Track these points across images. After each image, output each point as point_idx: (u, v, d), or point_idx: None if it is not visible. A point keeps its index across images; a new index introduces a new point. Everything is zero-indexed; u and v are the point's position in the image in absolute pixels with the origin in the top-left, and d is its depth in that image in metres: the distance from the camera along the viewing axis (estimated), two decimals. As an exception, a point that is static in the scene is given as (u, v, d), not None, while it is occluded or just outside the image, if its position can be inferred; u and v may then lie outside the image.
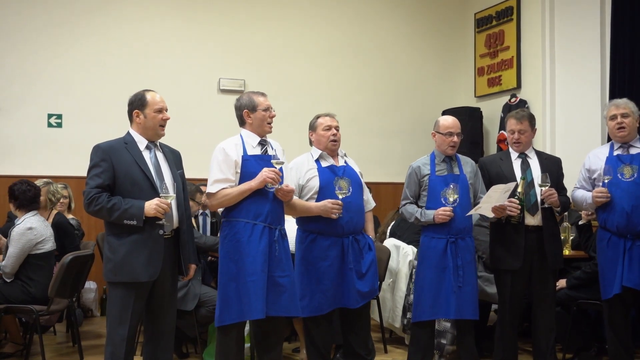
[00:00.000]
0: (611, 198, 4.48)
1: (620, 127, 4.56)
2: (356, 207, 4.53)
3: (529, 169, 4.70)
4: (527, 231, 4.60)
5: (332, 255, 4.43)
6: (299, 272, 4.48)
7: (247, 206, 4.10)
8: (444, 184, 4.57)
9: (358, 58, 8.95)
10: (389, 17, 9.16)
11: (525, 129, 4.73)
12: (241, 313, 4.02)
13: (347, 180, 4.50)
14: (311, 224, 4.47)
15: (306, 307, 4.42)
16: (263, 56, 8.50)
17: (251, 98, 4.26)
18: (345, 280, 4.45)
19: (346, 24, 8.92)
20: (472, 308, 4.54)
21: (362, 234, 4.59)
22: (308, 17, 8.75)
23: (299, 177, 4.51)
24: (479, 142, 8.66)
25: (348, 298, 4.46)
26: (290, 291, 4.13)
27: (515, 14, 8.47)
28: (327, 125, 4.60)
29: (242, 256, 4.04)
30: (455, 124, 4.69)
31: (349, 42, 8.91)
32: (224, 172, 4.12)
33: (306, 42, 8.71)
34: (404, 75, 9.18)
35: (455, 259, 4.52)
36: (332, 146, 4.60)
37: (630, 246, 4.44)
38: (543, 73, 8.04)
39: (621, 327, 4.57)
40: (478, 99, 9.11)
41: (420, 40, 9.32)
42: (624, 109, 4.58)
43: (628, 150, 4.58)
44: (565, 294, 5.29)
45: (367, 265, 4.53)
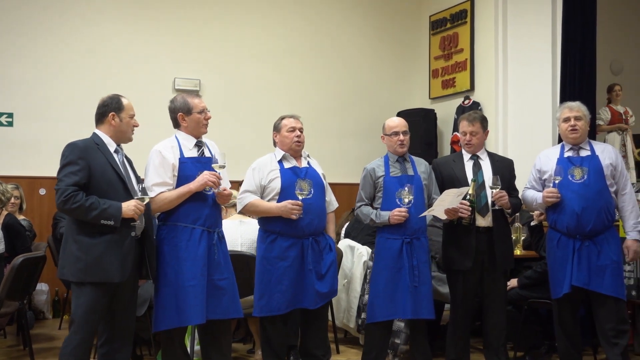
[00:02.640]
0: (561, 199, 4.56)
1: (573, 130, 4.65)
2: (317, 208, 4.56)
3: (481, 170, 4.77)
4: (478, 232, 4.67)
5: (291, 255, 4.45)
6: (258, 272, 4.51)
7: (185, 210, 4.07)
8: (399, 185, 4.63)
9: (314, 59, 8.97)
10: (346, 19, 9.20)
11: (477, 130, 4.80)
12: (180, 318, 4.00)
13: (308, 181, 4.52)
14: (272, 225, 4.49)
15: (264, 307, 4.44)
16: (219, 56, 8.46)
17: (186, 100, 4.21)
18: (305, 281, 4.47)
19: (303, 25, 8.93)
20: (428, 307, 4.61)
21: (322, 235, 4.62)
22: (265, 17, 8.73)
23: (261, 177, 4.53)
24: (433, 143, 8.76)
25: (307, 299, 4.48)
26: (231, 293, 4.13)
27: (469, 17, 8.58)
28: (292, 127, 4.62)
29: (180, 261, 4.01)
30: (400, 123, 4.77)
31: (305, 43, 8.93)
32: (162, 176, 4.08)
33: (263, 43, 8.69)
34: (359, 76, 9.23)
35: (411, 259, 4.58)
36: (296, 147, 4.62)
37: (579, 246, 4.53)
38: (496, 75, 8.16)
39: (570, 325, 4.67)
40: (432, 100, 9.21)
41: (376, 42, 9.38)
42: (577, 112, 4.67)
43: (578, 152, 4.68)
44: (516, 293, 5.39)
45: (327, 266, 4.56)
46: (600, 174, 4.55)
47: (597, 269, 4.49)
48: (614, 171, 4.61)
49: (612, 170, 4.60)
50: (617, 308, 4.50)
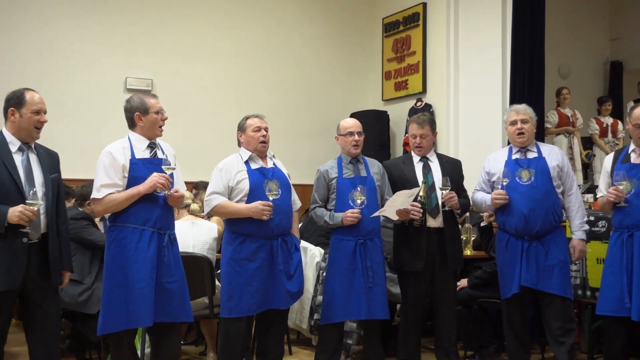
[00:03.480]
0: (509, 201, 4.62)
1: (520, 133, 4.72)
2: (285, 209, 4.54)
3: (430, 172, 4.82)
4: (429, 233, 4.72)
5: (261, 256, 4.42)
6: (226, 273, 4.45)
7: (135, 211, 4.01)
8: (352, 186, 4.64)
9: (267, 59, 8.95)
10: (299, 19, 9.21)
11: (426, 133, 4.84)
12: (128, 321, 3.94)
13: (276, 182, 4.49)
14: (240, 226, 4.44)
15: (234, 308, 4.40)
16: (172, 56, 8.37)
17: (143, 100, 4.14)
18: (275, 281, 4.45)
19: (256, 25, 8.90)
20: (382, 308, 4.64)
21: (290, 235, 4.60)
22: (217, 17, 8.67)
23: (228, 178, 4.47)
24: (386, 144, 8.84)
25: (278, 299, 4.47)
26: (180, 296, 4.08)
27: (422, 20, 8.67)
28: (257, 127, 4.57)
29: (129, 262, 3.94)
30: (355, 123, 4.79)
31: (259, 43, 8.90)
32: (111, 177, 4.00)
33: (217, 43, 8.64)
34: (313, 77, 9.24)
35: (365, 260, 4.61)
36: (262, 148, 4.59)
37: (527, 247, 4.60)
38: (447, 78, 8.27)
39: (519, 325, 4.74)
40: (385, 102, 9.28)
41: (330, 43, 9.40)
42: (523, 115, 4.75)
43: (526, 154, 4.75)
44: (466, 293, 5.46)
45: (295, 266, 4.56)
46: (547, 176, 4.63)
47: (545, 269, 4.57)
48: (560, 172, 4.69)
49: (559, 172, 4.69)
50: (564, 307, 4.59)
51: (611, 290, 4.38)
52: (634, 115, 4.44)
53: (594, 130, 9.10)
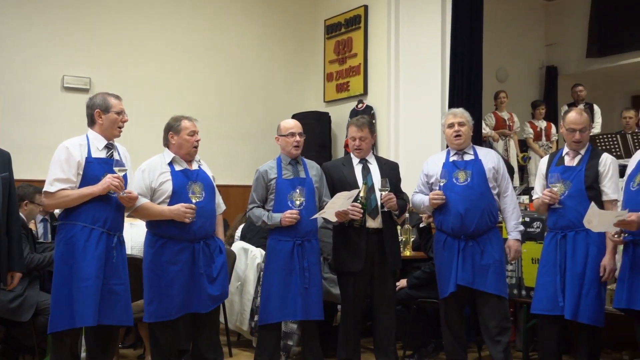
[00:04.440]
0: (447, 201, 4.70)
1: (457, 135, 4.80)
2: (208, 211, 4.51)
3: (370, 174, 4.86)
4: (368, 234, 4.76)
5: (182, 259, 4.38)
6: (147, 277, 4.41)
7: (86, 210, 4.00)
8: (291, 187, 4.66)
9: (208, 60, 8.85)
10: (241, 19, 9.14)
11: (365, 135, 4.88)
12: (72, 319, 3.91)
13: (200, 184, 4.46)
14: (162, 228, 4.39)
15: (154, 312, 4.35)
16: (111, 54, 8.19)
17: (105, 99, 4.19)
18: (196, 284, 4.42)
19: (197, 24, 8.79)
20: (317, 309, 4.67)
21: (213, 238, 4.58)
22: (158, 15, 8.54)
23: (151, 180, 4.41)
24: (327, 146, 8.87)
25: (199, 302, 4.44)
26: (125, 299, 4.07)
27: (363, 23, 8.74)
28: (192, 130, 4.55)
29: (77, 260, 3.93)
30: (296, 124, 4.81)
31: (200, 43, 8.79)
32: (65, 172, 4.00)
33: (156, 41, 8.49)
34: (254, 78, 9.19)
35: (302, 260, 4.63)
36: (194, 152, 4.58)
37: (463, 247, 4.69)
38: (388, 80, 8.35)
39: (456, 324, 4.82)
40: (327, 103, 9.31)
41: (272, 44, 9.37)
42: (460, 118, 4.83)
43: (462, 156, 4.83)
44: (405, 293, 5.51)
45: (218, 269, 4.53)
46: (483, 177, 4.73)
47: (480, 268, 4.66)
48: (496, 174, 4.79)
49: (495, 174, 4.78)
50: (499, 306, 4.68)
51: (545, 289, 4.49)
52: (567, 120, 4.56)
53: (528, 134, 9.33)
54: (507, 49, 10.78)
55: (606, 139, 7.04)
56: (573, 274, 4.37)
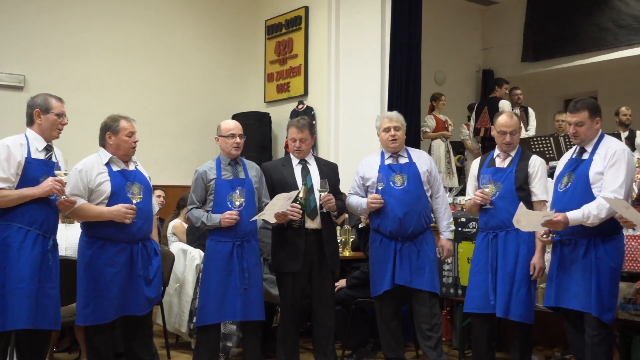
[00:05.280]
0: (385, 205, 4.78)
1: (393, 140, 4.88)
2: (146, 213, 4.48)
3: (309, 175, 4.89)
4: (307, 234, 4.80)
5: (120, 261, 4.33)
6: (83, 279, 4.32)
7: (23, 211, 3.94)
8: (230, 188, 4.65)
9: (148, 58, 8.75)
10: (181, 18, 9.06)
11: (305, 137, 4.91)
12: (4, 322, 3.83)
13: (138, 185, 4.42)
14: (100, 229, 4.32)
15: (90, 315, 4.29)
16: (46, 51, 8.01)
17: (46, 99, 4.17)
18: (133, 287, 4.38)
19: (137, 22, 8.68)
20: (258, 309, 4.67)
21: (149, 239, 4.55)
22: (97, 13, 8.38)
23: (88, 180, 4.33)
24: (267, 146, 8.87)
25: (136, 305, 4.39)
26: (57, 303, 4.03)
27: (304, 24, 8.76)
28: (131, 132, 4.50)
29: (11, 262, 3.87)
30: (237, 125, 4.80)
31: (140, 42, 8.68)
32: (5, 171, 3.93)
33: (94, 39, 8.34)
34: (195, 77, 9.13)
35: (241, 261, 4.62)
36: (132, 153, 4.53)
37: (400, 247, 4.79)
38: (328, 82, 8.40)
39: (392, 322, 4.89)
40: (267, 104, 9.32)
41: (212, 44, 9.32)
42: (396, 122, 4.91)
43: (397, 160, 4.92)
44: (345, 293, 5.56)
45: (155, 271, 4.51)
46: (418, 180, 4.84)
47: (417, 267, 4.77)
48: (429, 177, 4.92)
49: (428, 176, 4.91)
50: (432, 303, 4.80)
51: (477, 288, 4.60)
52: (498, 123, 4.69)
53: (465, 136, 9.51)
54: (445, 52, 10.99)
55: (540, 141, 7.23)
56: (504, 272, 4.49)
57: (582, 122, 4.13)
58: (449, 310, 6.07)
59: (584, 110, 4.13)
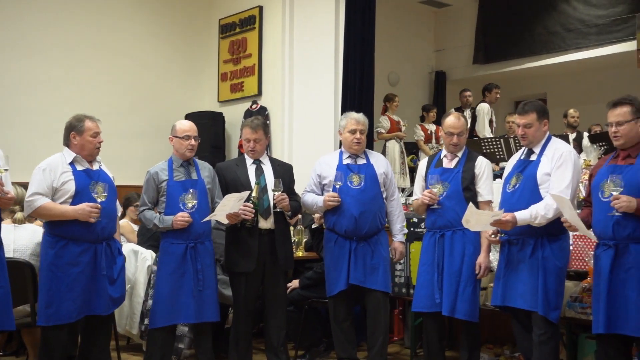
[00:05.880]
0: (341, 203, 4.81)
1: (358, 142, 4.91)
2: (111, 212, 4.46)
3: (263, 175, 4.89)
4: (261, 234, 4.80)
5: (84, 261, 4.30)
6: (45, 279, 4.29)
7: None
8: (182, 189, 4.62)
9: (99, 56, 8.59)
10: (133, 17, 8.94)
11: (259, 137, 4.90)
12: None
13: (103, 184, 4.40)
14: (63, 229, 4.29)
15: (53, 315, 4.25)
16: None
17: None
18: (97, 286, 4.35)
19: (88, 20, 8.51)
20: (212, 310, 4.66)
21: (113, 239, 4.53)
22: (47, 9, 8.21)
23: (52, 179, 4.31)
24: (221, 146, 8.83)
25: (99, 304, 4.37)
26: (5, 304, 3.95)
27: (258, 24, 8.76)
28: (96, 132, 4.47)
29: None
30: (192, 127, 4.76)
31: (91, 39, 8.52)
32: None
33: (44, 36, 8.15)
34: (147, 76, 9.02)
35: (195, 263, 4.60)
36: (97, 153, 4.51)
37: (355, 247, 4.82)
38: (282, 82, 8.41)
39: (345, 321, 4.92)
40: (221, 103, 9.28)
41: (165, 42, 9.22)
42: (362, 126, 4.94)
43: (356, 160, 4.96)
44: (298, 293, 5.57)
45: (118, 271, 4.49)
46: (375, 181, 4.88)
47: (371, 267, 4.81)
48: (385, 179, 4.97)
49: (384, 178, 4.96)
50: (385, 302, 4.86)
51: (424, 287, 4.66)
52: (445, 124, 4.76)
53: (419, 136, 9.60)
54: (399, 54, 11.10)
55: (490, 142, 7.34)
56: (450, 271, 4.56)
57: (530, 124, 4.22)
58: (401, 309, 6.13)
59: (532, 112, 4.23)
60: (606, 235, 3.80)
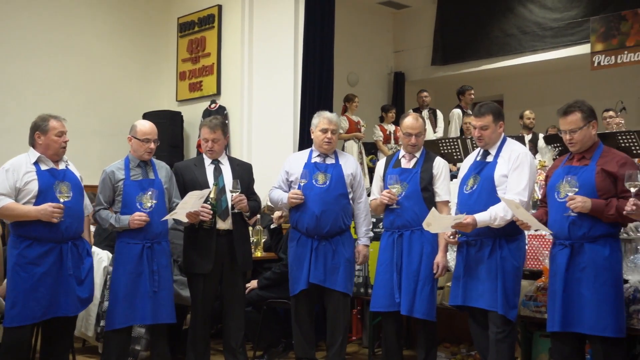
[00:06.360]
0: (304, 201, 4.81)
1: (328, 141, 4.90)
2: (76, 212, 4.40)
3: (221, 175, 4.86)
4: (219, 235, 4.78)
5: (49, 261, 4.25)
6: (10, 280, 4.24)
7: None
8: (139, 189, 4.57)
9: (55, 54, 8.45)
10: (89, 13, 8.81)
11: (218, 137, 4.88)
12: None
13: (67, 184, 4.33)
14: (27, 229, 4.23)
15: (17, 316, 4.19)
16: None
17: None
18: (64, 287, 4.30)
19: (42, 17, 8.36)
20: (168, 312, 4.61)
21: (81, 239, 4.47)
22: (1, 5, 8.05)
23: (16, 179, 4.25)
24: (179, 146, 8.77)
25: (67, 305, 4.32)
26: None
27: (217, 22, 8.72)
28: (61, 131, 4.41)
29: None
30: (153, 130, 4.71)
31: (46, 36, 8.37)
32: None
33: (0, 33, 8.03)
34: (103, 74, 8.89)
35: (151, 263, 4.55)
36: (62, 153, 4.44)
37: (317, 246, 4.82)
38: (241, 81, 8.38)
39: (305, 321, 4.92)
40: (179, 103, 9.21)
41: (123, 41, 9.10)
42: (334, 126, 4.94)
43: (325, 159, 4.95)
44: (256, 294, 5.55)
45: (86, 271, 4.44)
46: (341, 182, 4.88)
47: (332, 267, 4.81)
48: (353, 180, 4.97)
49: (352, 180, 4.96)
50: (345, 303, 4.87)
51: (383, 287, 4.68)
52: (404, 124, 4.79)
53: (378, 137, 9.64)
54: (358, 54, 11.14)
55: (448, 143, 7.41)
56: (409, 271, 4.59)
57: (487, 126, 4.27)
58: (359, 309, 6.15)
59: (488, 114, 4.28)
60: (562, 235, 3.87)
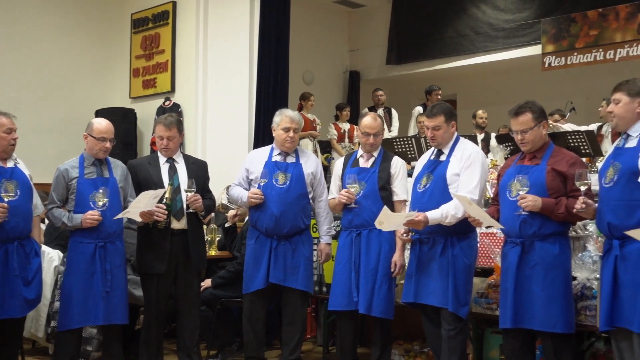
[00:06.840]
0: (264, 201, 4.78)
1: (290, 140, 4.87)
2: (23, 211, 4.32)
3: (177, 174, 4.82)
4: (173, 235, 4.74)
5: None
6: None
7: None
8: (93, 187, 4.52)
9: (4, 49, 8.28)
10: (40, 6, 8.66)
11: (173, 135, 4.82)
12: None
13: (14, 182, 4.24)
14: None
15: None
16: None
17: None
18: (10, 288, 4.22)
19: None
20: (121, 312, 4.57)
21: (28, 239, 4.39)
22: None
23: None
24: (132, 143, 8.68)
25: (13, 307, 4.24)
26: None
27: (171, 19, 8.65)
28: (9, 128, 4.33)
29: None
30: (109, 129, 4.65)
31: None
32: None
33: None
34: (54, 70, 8.75)
35: (104, 263, 4.50)
36: (11, 150, 4.36)
37: (276, 245, 4.80)
38: (196, 78, 8.34)
39: (258, 320, 4.89)
40: (133, 100, 9.11)
41: (75, 37, 8.97)
42: (297, 125, 4.91)
43: (285, 158, 4.93)
44: (210, 293, 5.52)
45: (34, 272, 4.38)
46: (301, 181, 4.87)
47: (292, 266, 4.81)
48: (313, 179, 4.97)
49: (312, 179, 4.96)
50: (304, 301, 4.90)
51: (341, 286, 4.70)
52: (362, 124, 4.82)
53: (332, 135, 9.67)
54: (314, 53, 11.16)
55: (402, 142, 7.47)
56: (367, 270, 4.62)
57: (439, 126, 4.32)
58: (314, 307, 6.16)
59: (440, 115, 4.33)
60: (513, 233, 3.95)
